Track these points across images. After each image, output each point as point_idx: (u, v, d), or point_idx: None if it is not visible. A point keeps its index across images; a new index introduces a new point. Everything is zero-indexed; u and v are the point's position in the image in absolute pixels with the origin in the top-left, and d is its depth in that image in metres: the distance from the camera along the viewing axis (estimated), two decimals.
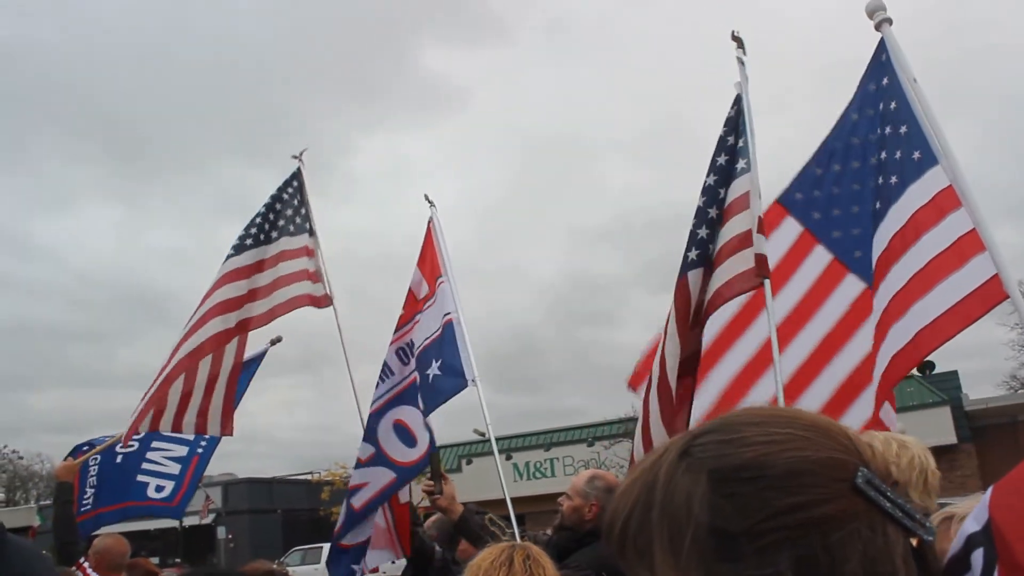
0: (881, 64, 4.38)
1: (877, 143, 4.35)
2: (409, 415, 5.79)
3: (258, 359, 7.18)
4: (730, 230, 4.21)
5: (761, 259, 4.01)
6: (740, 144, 4.42)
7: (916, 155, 4.01)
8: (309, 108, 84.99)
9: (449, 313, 5.93)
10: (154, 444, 7.11)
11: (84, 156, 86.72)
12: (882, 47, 4.38)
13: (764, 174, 4.40)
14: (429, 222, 6.63)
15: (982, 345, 37.38)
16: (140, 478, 7.05)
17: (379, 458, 5.72)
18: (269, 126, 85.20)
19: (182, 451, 7.18)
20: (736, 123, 4.51)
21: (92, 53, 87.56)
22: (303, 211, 6.77)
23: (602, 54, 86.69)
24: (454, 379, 5.45)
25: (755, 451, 0.75)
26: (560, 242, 78.20)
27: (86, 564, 5.32)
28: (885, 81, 4.33)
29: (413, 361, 5.89)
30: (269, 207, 6.67)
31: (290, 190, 6.78)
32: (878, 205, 4.24)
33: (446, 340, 5.70)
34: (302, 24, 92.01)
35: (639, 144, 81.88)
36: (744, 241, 4.10)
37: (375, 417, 5.86)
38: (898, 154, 4.13)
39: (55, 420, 76.88)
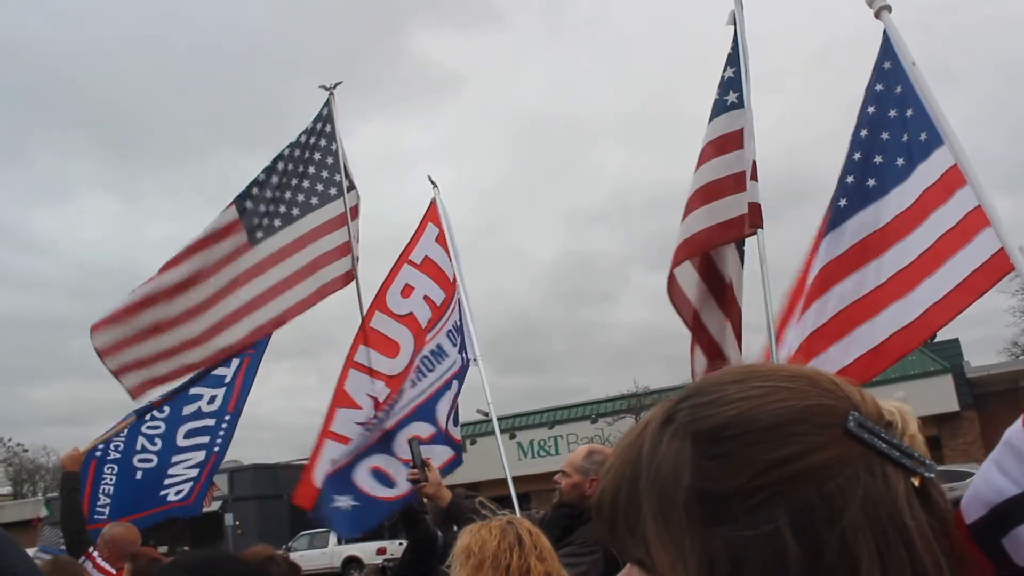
0: (885, 50, 4.44)
1: (881, 123, 4.38)
2: (423, 431, 5.66)
3: (262, 345, 7.14)
4: (725, 165, 4.15)
5: (754, 207, 3.99)
6: (730, 75, 4.36)
7: (923, 136, 4.08)
8: (304, 95, 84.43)
9: (455, 297, 5.94)
10: (174, 459, 7.04)
11: (80, 148, 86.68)
12: (884, 34, 4.44)
13: (762, 149, 4.38)
14: (432, 203, 6.54)
15: (983, 312, 37.41)
16: (163, 492, 7.01)
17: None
18: (264, 113, 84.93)
19: (200, 456, 7.12)
20: (733, 58, 4.45)
21: (87, 45, 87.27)
22: (328, 168, 6.59)
23: (596, 37, 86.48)
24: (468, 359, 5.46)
25: (738, 407, 0.72)
26: (557, 224, 78.24)
27: (95, 554, 5.34)
28: (887, 65, 4.40)
29: (441, 367, 5.76)
30: (293, 172, 6.55)
31: (314, 139, 6.62)
32: (872, 183, 4.26)
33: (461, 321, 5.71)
34: (296, 11, 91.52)
35: (634, 125, 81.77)
36: (739, 184, 4.06)
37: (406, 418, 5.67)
38: (905, 136, 4.20)
39: (59, 412, 77.19)
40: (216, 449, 7.13)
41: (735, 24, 4.47)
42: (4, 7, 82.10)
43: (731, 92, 4.28)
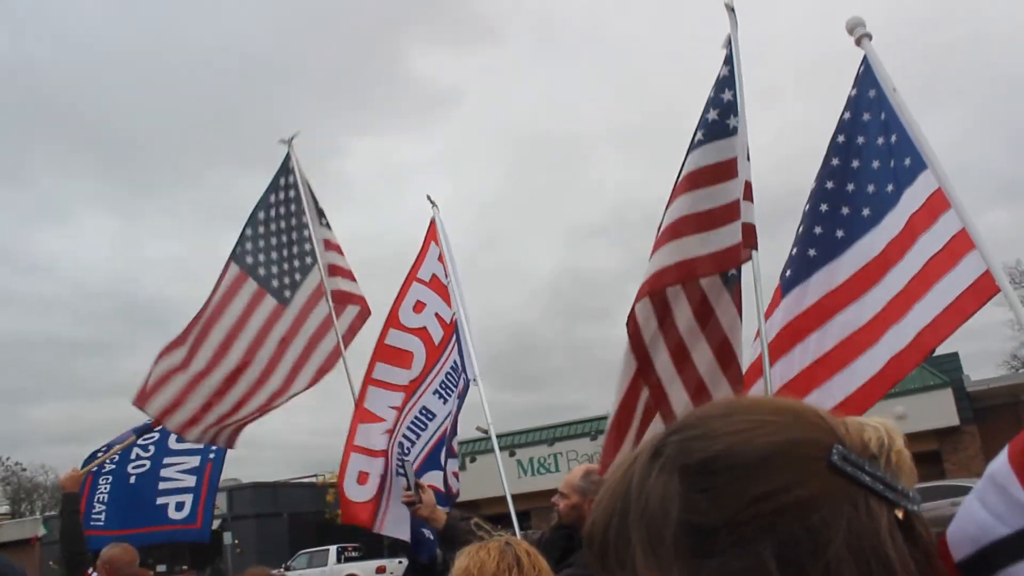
0: (864, 78, 4.51)
1: (867, 150, 4.45)
2: (435, 479, 5.65)
3: None
4: (723, 193, 4.13)
5: (749, 228, 4.00)
6: (728, 98, 4.35)
7: (907, 161, 4.17)
8: (299, 112, 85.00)
9: (454, 314, 5.93)
10: (166, 460, 7.06)
11: (79, 169, 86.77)
12: (864, 61, 4.50)
13: (756, 165, 4.38)
14: (431, 222, 6.54)
15: (981, 326, 37.47)
16: (160, 500, 6.99)
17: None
18: (260, 131, 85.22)
19: (195, 461, 7.13)
20: (729, 81, 4.43)
21: (85, 67, 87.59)
22: (301, 235, 6.83)
23: (591, 52, 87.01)
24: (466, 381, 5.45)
25: (724, 442, 0.74)
26: (555, 239, 78.42)
27: (94, 574, 5.33)
28: (872, 93, 4.45)
29: (452, 399, 5.76)
30: (269, 229, 6.78)
31: (282, 195, 6.82)
32: (867, 212, 4.31)
33: (459, 345, 5.69)
34: (290, 29, 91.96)
35: (631, 139, 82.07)
36: (735, 212, 4.06)
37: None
38: (892, 163, 4.28)
39: (58, 431, 77.09)
40: (212, 456, 7.14)
41: (730, 46, 4.50)
42: (3, 30, 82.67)
43: (732, 116, 4.28)
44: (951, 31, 68.57)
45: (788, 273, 4.63)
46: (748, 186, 4.11)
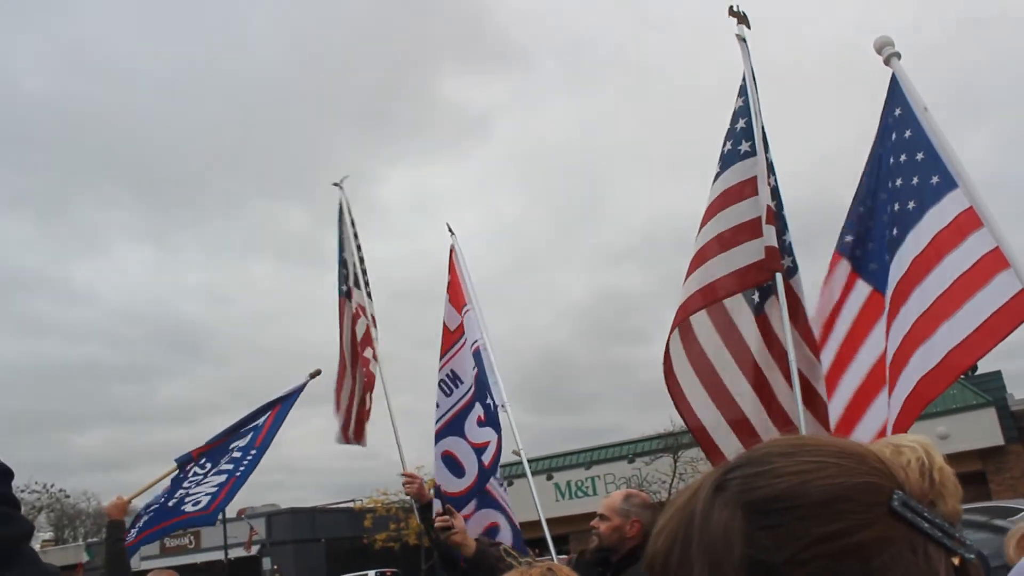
0: (894, 96, 4.49)
1: (893, 170, 4.41)
2: (456, 445, 5.80)
3: (297, 392, 7.27)
4: (738, 214, 4.17)
5: (772, 251, 4.01)
6: (742, 125, 4.40)
7: (935, 180, 4.12)
8: (332, 141, 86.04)
9: (477, 340, 5.97)
10: (194, 485, 7.17)
11: (116, 200, 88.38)
12: (893, 80, 4.49)
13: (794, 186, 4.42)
14: (451, 250, 6.71)
15: (1023, 344, 36.64)
16: (182, 508, 7.10)
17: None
18: (294, 161, 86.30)
19: (221, 478, 7.22)
20: (743, 110, 4.49)
21: (121, 99, 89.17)
22: (349, 257, 7.45)
23: (620, 78, 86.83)
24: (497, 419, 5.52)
25: (789, 481, 0.75)
26: (586, 262, 78.10)
27: None
28: (898, 112, 4.43)
29: (459, 391, 5.93)
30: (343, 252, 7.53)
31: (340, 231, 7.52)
32: (895, 232, 4.30)
33: (482, 370, 5.74)
34: (322, 59, 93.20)
35: (660, 163, 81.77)
36: (755, 230, 4.08)
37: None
38: (915, 180, 4.23)
39: (100, 458, 77.98)
40: (238, 474, 7.23)
41: (744, 80, 4.55)
42: (43, 66, 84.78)
43: (744, 142, 4.34)
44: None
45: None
46: (769, 210, 4.13)
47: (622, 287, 72.36)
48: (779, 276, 4.05)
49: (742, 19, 4.68)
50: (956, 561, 0.74)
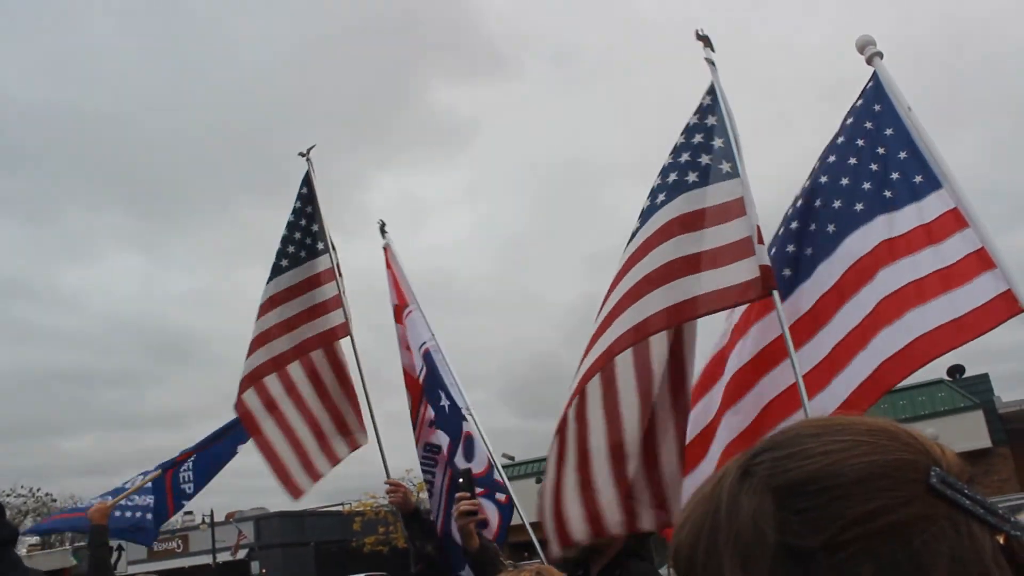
0: (873, 92, 4.46)
1: (864, 155, 4.38)
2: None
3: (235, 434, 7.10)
4: (721, 235, 4.13)
5: (766, 269, 4.00)
6: (720, 144, 4.34)
7: (918, 179, 4.10)
8: (322, 148, 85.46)
9: (425, 342, 5.63)
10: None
11: (102, 204, 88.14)
12: (874, 77, 4.46)
13: (766, 195, 4.38)
14: (386, 250, 6.38)
15: (1011, 347, 36.96)
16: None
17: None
18: (283, 166, 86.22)
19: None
20: (702, 125, 4.42)
21: (108, 105, 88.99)
22: (314, 228, 6.57)
23: (607, 81, 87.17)
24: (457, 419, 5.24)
25: (820, 462, 0.71)
26: (577, 267, 78.35)
27: None
28: (877, 108, 4.41)
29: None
30: (290, 226, 6.61)
31: (298, 204, 6.65)
32: (861, 206, 4.26)
33: (434, 371, 5.43)
34: (312, 64, 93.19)
35: (649, 167, 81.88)
36: (744, 250, 4.05)
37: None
38: (896, 175, 4.21)
39: (86, 463, 77.39)
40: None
41: (715, 95, 4.50)
42: (29, 72, 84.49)
43: (724, 162, 4.28)
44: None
45: (787, 273, 4.49)
46: (759, 230, 4.11)
47: None
48: (775, 293, 4.01)
49: (707, 43, 4.63)
50: (1002, 539, 0.70)
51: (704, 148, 4.36)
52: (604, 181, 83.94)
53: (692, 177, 4.31)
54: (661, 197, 4.34)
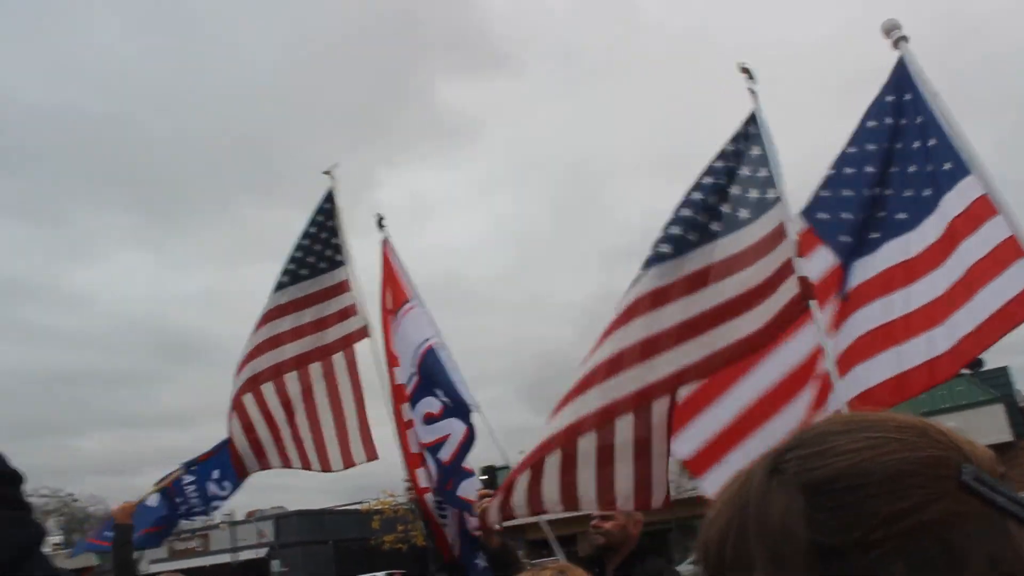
0: (901, 79, 4.40)
1: (903, 155, 4.34)
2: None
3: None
4: (766, 266, 4.11)
5: (804, 282, 3.98)
6: (764, 174, 4.33)
7: (947, 166, 4.06)
8: (329, 145, 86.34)
9: (429, 339, 5.41)
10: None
11: (110, 205, 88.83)
12: (901, 63, 4.40)
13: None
14: (384, 245, 6.19)
15: None
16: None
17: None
18: (289, 165, 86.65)
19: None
20: (747, 155, 4.43)
21: (116, 107, 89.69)
22: (334, 241, 6.67)
23: (613, 80, 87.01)
24: (465, 410, 5.09)
25: (849, 459, 0.71)
26: (589, 265, 78.37)
27: None
28: (908, 96, 4.35)
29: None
30: (309, 236, 6.69)
31: (320, 217, 6.71)
32: (904, 215, 4.24)
33: (436, 371, 5.22)
34: (318, 64, 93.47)
35: (657, 163, 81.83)
36: (783, 273, 4.03)
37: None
38: (929, 167, 4.17)
39: (106, 462, 78.26)
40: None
41: (754, 122, 4.47)
42: (38, 76, 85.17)
43: (770, 190, 4.23)
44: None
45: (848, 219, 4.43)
46: (797, 244, 4.09)
47: (622, 287, 72.37)
48: (813, 304, 3.98)
49: (749, 74, 4.60)
50: None
51: (752, 182, 4.36)
52: (613, 177, 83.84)
53: (744, 214, 4.31)
54: (715, 226, 4.33)
